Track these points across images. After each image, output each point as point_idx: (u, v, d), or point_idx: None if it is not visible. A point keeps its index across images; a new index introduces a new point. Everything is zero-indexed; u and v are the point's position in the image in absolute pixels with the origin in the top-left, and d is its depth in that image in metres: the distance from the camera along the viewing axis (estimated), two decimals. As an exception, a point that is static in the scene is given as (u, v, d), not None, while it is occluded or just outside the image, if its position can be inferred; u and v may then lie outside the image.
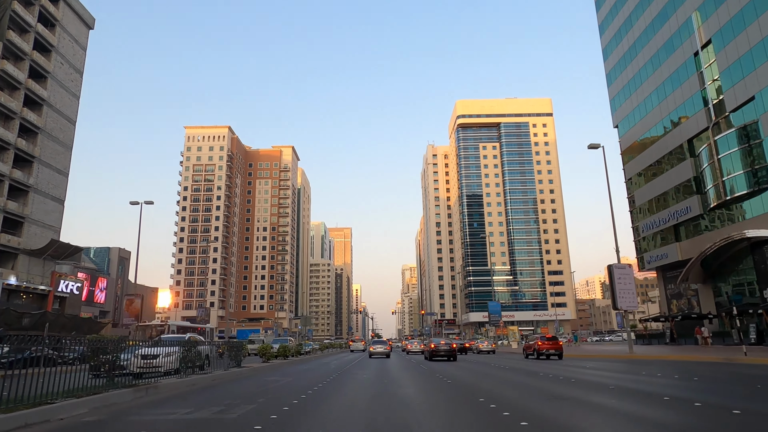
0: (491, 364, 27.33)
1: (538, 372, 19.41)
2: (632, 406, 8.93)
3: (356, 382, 15.91)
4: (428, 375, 18.99)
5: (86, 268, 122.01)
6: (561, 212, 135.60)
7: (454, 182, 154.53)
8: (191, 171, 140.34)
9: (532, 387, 12.96)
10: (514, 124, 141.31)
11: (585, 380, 14.52)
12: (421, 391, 12.92)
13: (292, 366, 27.05)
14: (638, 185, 59.11)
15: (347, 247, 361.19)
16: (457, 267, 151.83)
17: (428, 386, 14.29)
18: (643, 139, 58.37)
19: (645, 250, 57.80)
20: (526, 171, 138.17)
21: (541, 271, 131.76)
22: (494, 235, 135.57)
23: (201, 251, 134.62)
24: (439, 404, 10.05)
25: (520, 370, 20.86)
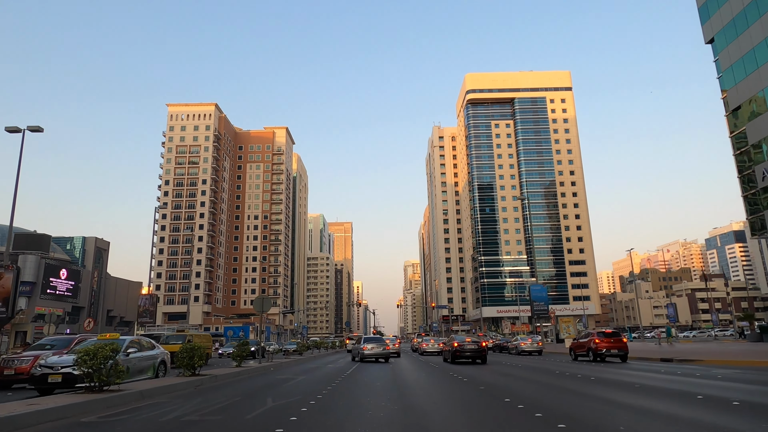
0: (552, 371, 14.36)
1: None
2: None
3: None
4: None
5: (56, 259, 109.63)
6: (582, 195, 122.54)
7: (463, 165, 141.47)
8: (174, 153, 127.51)
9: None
10: (530, 100, 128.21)
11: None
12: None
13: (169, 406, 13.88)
14: (754, 112, 44.97)
15: (348, 242, 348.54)
16: (466, 259, 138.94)
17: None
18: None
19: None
20: (543, 151, 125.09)
21: (561, 261, 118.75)
22: (508, 221, 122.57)
23: (185, 240, 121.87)
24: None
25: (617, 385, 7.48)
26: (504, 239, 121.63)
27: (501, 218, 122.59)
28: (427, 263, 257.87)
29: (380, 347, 29.06)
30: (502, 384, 13.17)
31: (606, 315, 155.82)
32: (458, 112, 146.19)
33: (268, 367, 23.03)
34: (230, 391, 12.55)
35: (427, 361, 27.90)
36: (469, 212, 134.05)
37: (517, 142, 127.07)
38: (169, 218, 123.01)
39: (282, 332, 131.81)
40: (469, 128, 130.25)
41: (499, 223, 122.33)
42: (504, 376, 15.73)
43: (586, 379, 14.12)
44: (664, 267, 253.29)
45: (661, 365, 20.65)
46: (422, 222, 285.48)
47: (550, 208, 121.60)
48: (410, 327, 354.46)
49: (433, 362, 27.35)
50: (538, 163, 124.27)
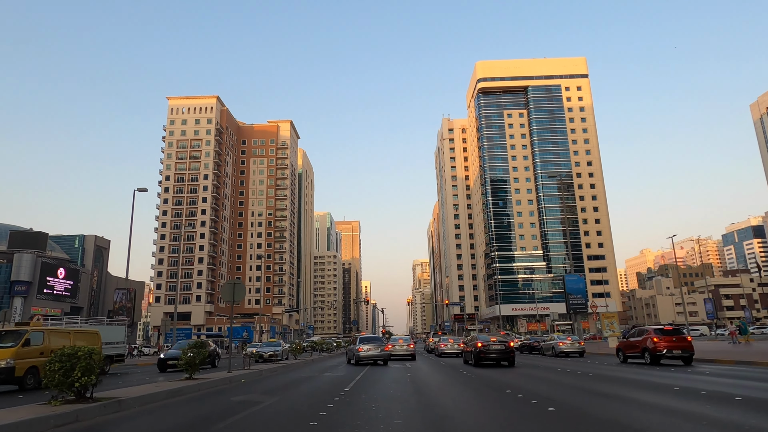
0: (624, 379, 8.86)
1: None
2: None
3: None
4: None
5: (54, 258, 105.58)
6: (600, 187, 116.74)
7: (474, 158, 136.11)
8: (175, 147, 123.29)
9: None
10: (544, 88, 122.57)
11: None
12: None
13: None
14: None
15: (355, 240, 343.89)
16: (478, 255, 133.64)
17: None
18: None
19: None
20: (558, 141, 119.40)
21: (579, 255, 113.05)
22: (523, 215, 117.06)
23: (186, 238, 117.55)
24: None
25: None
26: (518, 233, 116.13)
27: (515, 212, 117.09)
28: (437, 261, 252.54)
29: (378, 348, 25.49)
30: (578, 403, 8.10)
31: (625, 313, 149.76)
32: (469, 103, 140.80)
33: (234, 379, 16.39)
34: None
35: (452, 366, 22.93)
36: (481, 207, 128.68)
37: (531, 132, 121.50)
38: (170, 215, 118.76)
39: (288, 332, 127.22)
40: (480, 118, 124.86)
41: (513, 217, 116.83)
42: (575, 391, 10.61)
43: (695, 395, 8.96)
44: (681, 264, 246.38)
45: (750, 370, 15.39)
46: (431, 219, 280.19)
47: (567, 200, 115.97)
48: (419, 326, 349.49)
49: (457, 366, 22.42)
50: (554, 153, 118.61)
